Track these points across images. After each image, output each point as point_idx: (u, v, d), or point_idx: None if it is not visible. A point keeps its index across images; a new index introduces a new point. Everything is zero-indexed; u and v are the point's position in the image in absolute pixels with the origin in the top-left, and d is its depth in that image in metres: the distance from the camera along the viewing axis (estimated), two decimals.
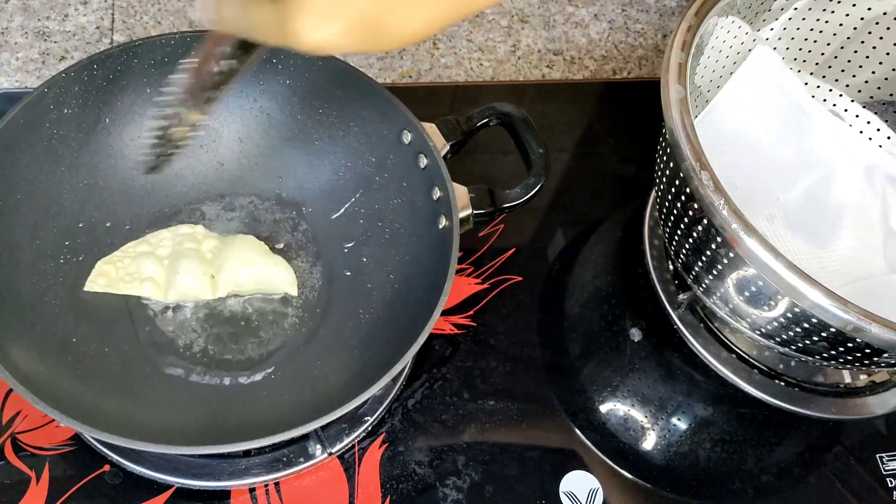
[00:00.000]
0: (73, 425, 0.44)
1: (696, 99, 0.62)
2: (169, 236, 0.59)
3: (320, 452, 0.55)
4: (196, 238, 0.59)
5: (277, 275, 0.58)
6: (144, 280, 0.57)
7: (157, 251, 0.58)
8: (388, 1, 0.32)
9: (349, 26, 0.32)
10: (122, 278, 0.57)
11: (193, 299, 0.57)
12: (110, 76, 0.57)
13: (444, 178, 0.55)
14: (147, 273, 0.57)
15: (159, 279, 0.57)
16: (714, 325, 0.64)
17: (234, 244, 0.58)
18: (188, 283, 0.57)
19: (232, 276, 0.57)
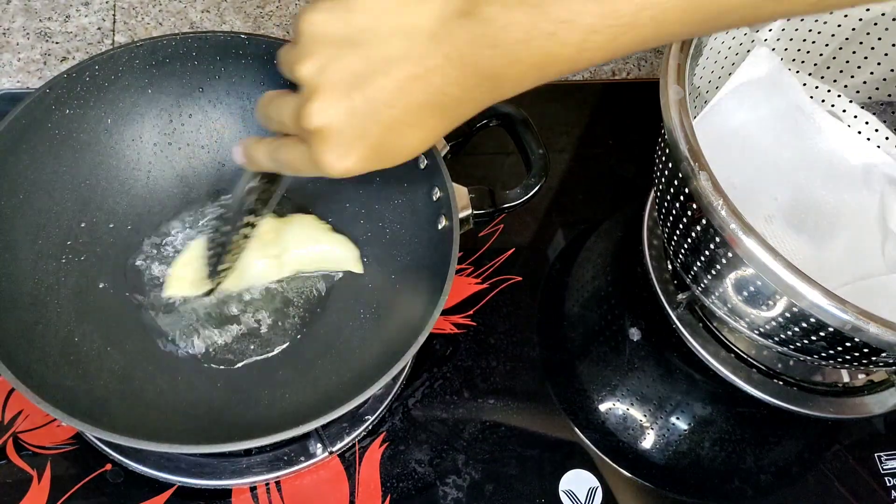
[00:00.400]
0: (75, 424, 0.44)
1: (696, 99, 0.63)
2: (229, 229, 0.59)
3: (321, 451, 0.55)
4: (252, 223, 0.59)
5: (342, 252, 0.59)
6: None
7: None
8: (390, 131, 0.38)
9: (364, 154, 0.39)
10: (197, 280, 0.57)
11: (265, 282, 0.58)
12: (112, 77, 0.57)
13: (444, 178, 0.55)
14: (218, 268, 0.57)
15: (229, 271, 0.57)
16: (713, 324, 0.64)
17: (294, 223, 0.59)
18: (257, 269, 0.57)
19: (297, 254, 0.58)
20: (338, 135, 0.38)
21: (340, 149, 0.39)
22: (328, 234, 0.59)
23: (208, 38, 0.58)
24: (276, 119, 0.42)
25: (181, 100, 0.60)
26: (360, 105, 0.37)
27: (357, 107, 0.37)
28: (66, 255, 0.56)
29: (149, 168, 0.61)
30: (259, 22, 0.75)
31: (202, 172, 0.62)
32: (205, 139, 0.62)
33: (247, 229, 0.54)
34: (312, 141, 0.39)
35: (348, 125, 0.38)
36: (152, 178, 0.61)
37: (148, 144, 0.61)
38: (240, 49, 0.59)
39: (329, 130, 0.38)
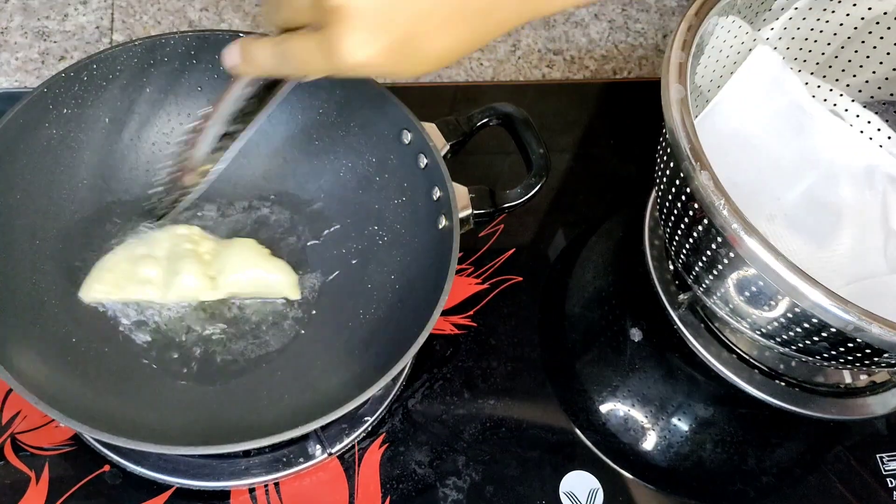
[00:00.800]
0: (73, 425, 0.44)
1: (697, 99, 0.62)
2: (165, 237, 0.58)
3: (320, 452, 0.55)
4: (193, 239, 0.59)
5: (279, 278, 0.58)
6: (143, 282, 0.56)
7: (154, 252, 0.58)
8: (425, 21, 0.35)
9: (386, 46, 0.35)
10: (118, 284, 0.56)
11: (193, 300, 0.57)
12: (110, 76, 0.57)
13: (444, 178, 0.55)
14: (145, 274, 0.56)
15: (158, 281, 0.57)
16: (714, 325, 0.64)
17: (233, 247, 0.58)
18: (188, 284, 0.56)
19: (233, 278, 0.57)
20: (362, 17, 0.35)
21: (363, 34, 0.35)
22: (266, 260, 0.58)
23: (207, 37, 0.58)
24: (288, 5, 0.38)
25: (180, 99, 0.60)
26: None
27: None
28: (64, 255, 0.56)
29: (147, 167, 0.61)
30: (258, 20, 0.74)
31: None
32: None
33: (207, 165, 0.50)
34: (332, 23, 0.35)
35: (375, 8, 0.35)
36: (151, 178, 0.61)
37: (146, 144, 0.60)
38: None
39: (353, 9, 0.34)
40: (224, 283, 0.57)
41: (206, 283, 0.57)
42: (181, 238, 0.59)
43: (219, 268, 0.57)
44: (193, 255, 0.57)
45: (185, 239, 0.59)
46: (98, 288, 0.56)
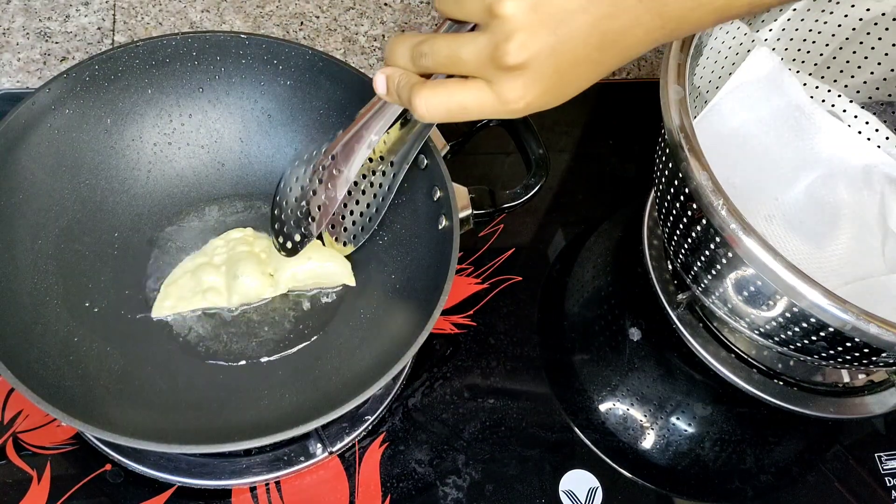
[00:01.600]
0: (75, 424, 0.44)
1: (696, 99, 0.63)
2: (222, 243, 0.59)
3: (321, 451, 0.55)
4: (247, 241, 0.59)
5: (335, 268, 0.59)
6: (206, 291, 0.57)
7: (213, 260, 0.59)
8: (575, 68, 0.39)
9: (546, 90, 0.40)
10: (184, 297, 0.57)
11: (256, 299, 0.58)
12: (112, 77, 0.57)
13: (444, 178, 0.55)
14: (208, 283, 0.57)
15: (220, 287, 0.58)
16: (713, 324, 0.64)
17: None
18: (249, 285, 0.57)
19: (292, 272, 0.58)
20: (534, 71, 0.38)
21: (530, 85, 0.39)
22: (320, 251, 0.59)
23: (208, 38, 0.58)
24: (447, 57, 0.40)
25: (181, 100, 0.60)
26: (562, 42, 0.38)
27: (559, 44, 0.38)
28: (65, 254, 0.56)
29: (148, 168, 0.61)
30: (259, 22, 0.75)
31: (202, 172, 0.62)
32: (205, 139, 0.62)
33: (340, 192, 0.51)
34: (504, 78, 0.39)
35: (546, 62, 0.38)
36: (152, 178, 0.61)
37: (148, 144, 0.61)
38: (240, 49, 0.59)
39: (527, 67, 0.38)
40: (283, 279, 0.58)
41: (266, 282, 0.58)
42: (236, 241, 0.59)
43: (276, 264, 0.58)
44: (250, 256, 0.58)
45: (240, 241, 0.59)
46: (167, 304, 0.57)
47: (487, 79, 0.39)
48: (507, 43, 0.37)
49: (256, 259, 0.58)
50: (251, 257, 0.58)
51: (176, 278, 0.58)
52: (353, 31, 0.76)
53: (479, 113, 0.41)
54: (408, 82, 0.42)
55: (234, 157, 0.63)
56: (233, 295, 0.57)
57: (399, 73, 0.43)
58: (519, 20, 0.37)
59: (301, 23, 0.75)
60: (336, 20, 0.76)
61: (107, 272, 0.58)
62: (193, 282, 0.57)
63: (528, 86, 0.39)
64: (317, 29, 0.75)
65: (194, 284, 0.57)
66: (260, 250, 0.59)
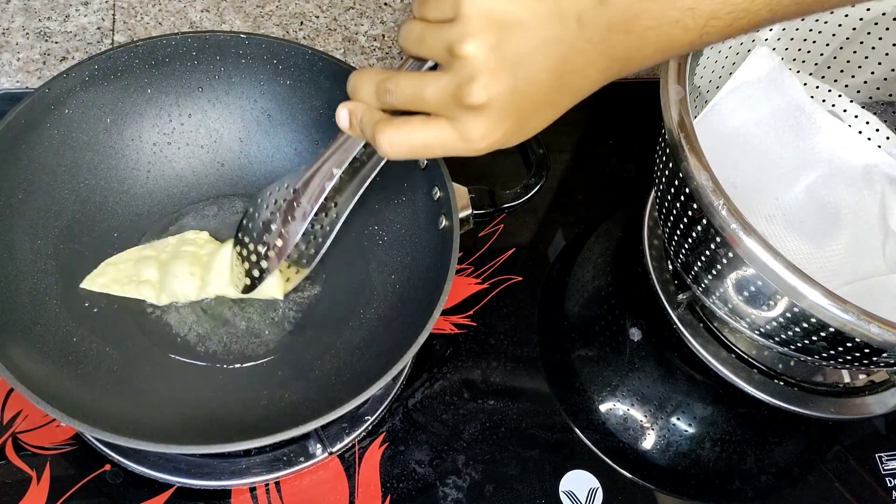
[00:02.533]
0: (74, 425, 0.44)
1: (696, 99, 0.63)
2: (174, 242, 0.59)
3: (321, 452, 0.55)
4: (197, 243, 0.59)
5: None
6: (141, 283, 0.57)
7: (160, 256, 0.58)
8: (536, 109, 0.41)
9: (509, 130, 0.41)
10: (119, 280, 0.57)
11: (182, 299, 0.57)
12: (111, 77, 0.57)
13: (444, 178, 0.55)
14: (145, 276, 0.57)
15: (156, 282, 0.57)
16: (713, 324, 0.64)
17: (226, 247, 0.58)
18: (176, 284, 0.57)
19: (220, 279, 0.57)
20: (495, 111, 0.39)
21: (492, 125, 0.40)
22: None
23: (208, 38, 0.58)
24: (411, 95, 0.41)
25: (180, 99, 0.60)
26: (522, 84, 0.39)
27: (518, 85, 0.39)
28: (65, 254, 0.56)
29: (148, 168, 0.61)
30: (259, 21, 0.75)
31: (201, 172, 0.62)
32: (204, 139, 0.62)
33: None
34: (466, 117, 0.40)
35: (507, 102, 0.39)
36: (152, 178, 0.61)
37: (147, 144, 0.60)
38: (239, 49, 0.59)
39: (489, 107, 0.39)
40: (210, 284, 0.57)
41: (193, 283, 0.57)
42: (186, 242, 0.59)
43: (209, 267, 0.58)
44: (189, 256, 0.58)
45: (189, 242, 0.59)
46: (99, 281, 0.56)
47: (450, 117, 0.40)
48: (469, 84, 0.38)
49: (197, 261, 0.58)
50: (189, 257, 0.58)
51: (119, 261, 0.58)
52: (352, 30, 0.76)
53: (441, 151, 0.41)
54: (371, 119, 0.43)
55: (233, 157, 0.63)
56: (162, 293, 0.57)
57: (362, 108, 0.44)
58: (480, 61, 0.38)
59: (301, 22, 0.75)
60: (336, 20, 0.76)
61: None
62: (133, 270, 0.57)
63: (490, 125, 0.40)
64: (317, 29, 0.75)
65: (133, 273, 0.57)
66: (204, 253, 0.58)
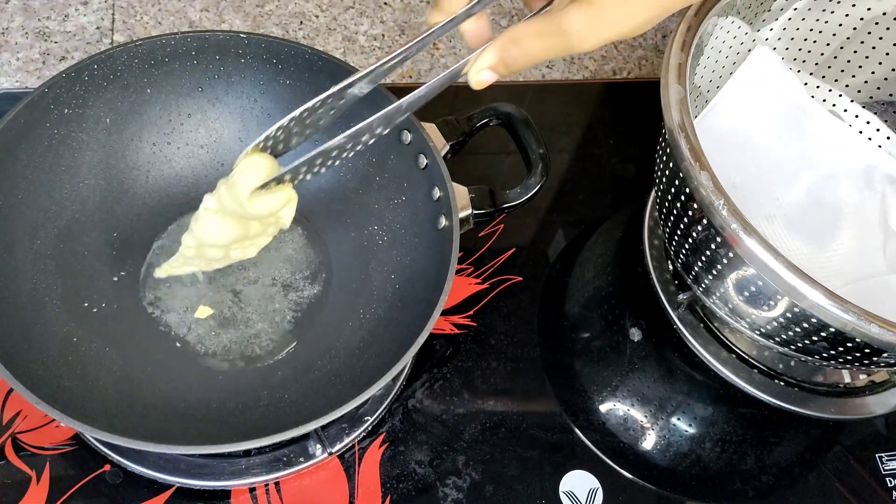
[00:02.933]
0: (74, 425, 0.44)
1: (696, 99, 0.62)
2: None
3: (320, 452, 0.55)
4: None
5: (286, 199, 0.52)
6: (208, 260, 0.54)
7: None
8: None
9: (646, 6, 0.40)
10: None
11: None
12: (111, 76, 0.57)
13: (444, 178, 0.55)
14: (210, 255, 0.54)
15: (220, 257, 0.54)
16: (714, 324, 0.64)
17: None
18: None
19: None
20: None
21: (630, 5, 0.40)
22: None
23: (207, 38, 0.58)
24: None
25: (180, 99, 0.60)
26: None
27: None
28: (64, 254, 0.56)
29: (148, 168, 0.61)
30: (258, 21, 0.74)
31: (201, 172, 0.62)
32: (204, 139, 0.62)
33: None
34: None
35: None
36: (151, 178, 0.61)
37: (147, 144, 0.60)
38: (239, 48, 0.59)
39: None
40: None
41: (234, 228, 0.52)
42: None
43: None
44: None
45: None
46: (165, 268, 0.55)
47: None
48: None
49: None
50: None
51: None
52: (352, 30, 0.76)
53: (577, 34, 0.40)
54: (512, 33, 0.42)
55: (233, 157, 0.62)
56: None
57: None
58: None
59: (300, 22, 0.75)
60: (335, 19, 0.76)
61: (106, 272, 0.58)
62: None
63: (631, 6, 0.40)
64: (316, 28, 0.75)
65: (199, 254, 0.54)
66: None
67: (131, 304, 0.57)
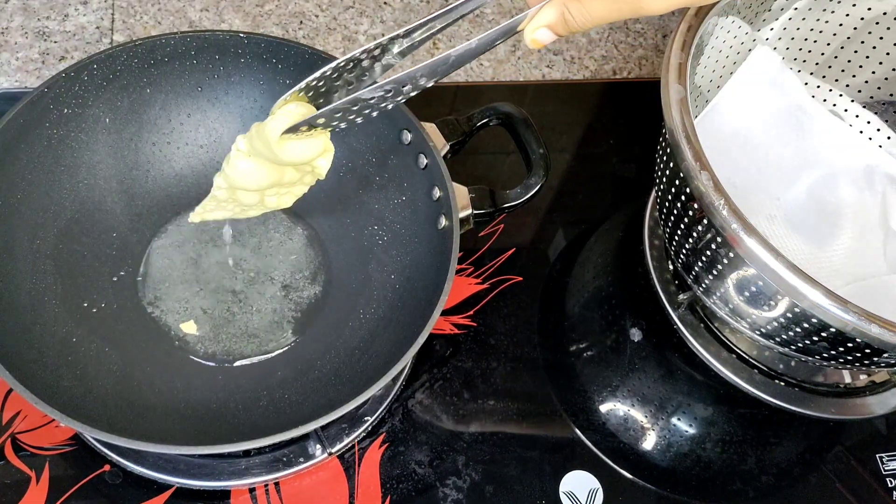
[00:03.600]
0: (73, 425, 0.44)
1: (696, 99, 0.62)
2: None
3: (320, 452, 0.55)
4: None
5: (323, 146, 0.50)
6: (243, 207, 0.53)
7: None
8: None
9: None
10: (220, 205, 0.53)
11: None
12: (110, 76, 0.57)
13: (444, 178, 0.55)
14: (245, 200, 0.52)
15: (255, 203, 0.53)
16: (714, 325, 0.64)
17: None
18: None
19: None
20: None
21: None
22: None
23: (207, 38, 0.58)
24: None
25: (180, 99, 0.60)
26: None
27: None
28: (64, 255, 0.56)
29: (147, 167, 0.61)
30: (258, 21, 0.74)
31: (201, 172, 0.62)
32: (203, 138, 0.62)
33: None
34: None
35: None
36: (151, 178, 0.61)
37: (146, 144, 0.60)
38: (239, 48, 0.59)
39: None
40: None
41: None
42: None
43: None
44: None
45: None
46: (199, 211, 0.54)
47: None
48: None
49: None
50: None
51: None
52: (352, 29, 0.76)
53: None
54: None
55: None
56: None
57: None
58: None
59: (300, 22, 0.75)
60: (335, 19, 0.76)
61: (105, 272, 0.58)
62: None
63: None
64: (316, 28, 0.75)
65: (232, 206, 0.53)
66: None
67: (131, 304, 0.57)
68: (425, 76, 0.42)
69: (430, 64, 0.42)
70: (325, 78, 0.45)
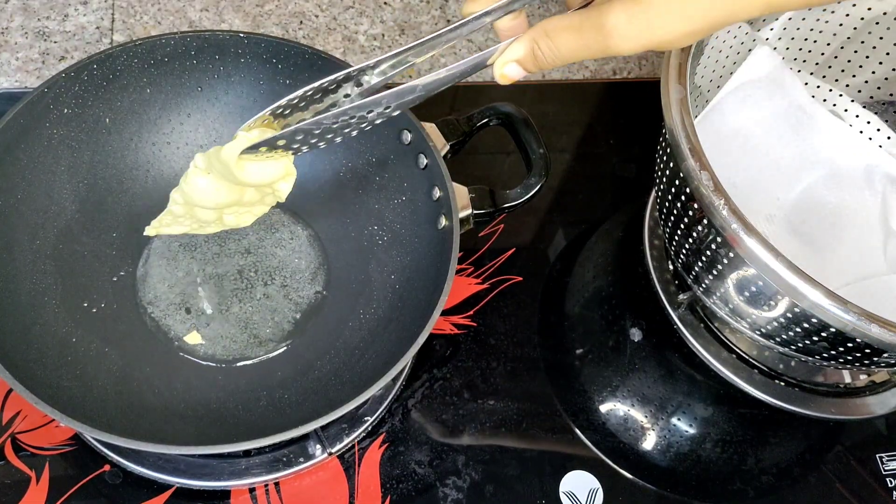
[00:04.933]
0: (73, 425, 0.44)
1: (696, 99, 0.62)
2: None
3: (320, 452, 0.55)
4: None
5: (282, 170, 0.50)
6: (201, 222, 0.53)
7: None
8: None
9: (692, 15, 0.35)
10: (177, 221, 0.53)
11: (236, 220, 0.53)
12: (110, 76, 0.57)
13: (444, 178, 0.55)
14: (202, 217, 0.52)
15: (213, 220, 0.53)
16: (714, 325, 0.64)
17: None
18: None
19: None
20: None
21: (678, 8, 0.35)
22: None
23: (207, 38, 0.58)
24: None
25: (180, 99, 0.60)
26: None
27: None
28: (63, 255, 0.56)
29: (147, 168, 0.61)
30: (258, 21, 0.74)
31: None
32: (203, 138, 0.62)
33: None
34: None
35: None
36: (151, 178, 0.61)
37: (146, 144, 0.60)
38: (239, 48, 0.59)
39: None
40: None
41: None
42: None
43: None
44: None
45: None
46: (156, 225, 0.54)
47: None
48: None
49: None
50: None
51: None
52: (352, 29, 0.76)
53: (616, 35, 0.37)
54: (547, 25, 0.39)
55: None
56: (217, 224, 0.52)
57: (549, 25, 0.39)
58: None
59: (300, 22, 0.75)
60: (335, 19, 0.76)
61: (105, 272, 0.58)
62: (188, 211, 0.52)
63: (679, 10, 0.36)
64: (316, 28, 0.75)
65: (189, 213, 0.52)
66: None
67: (131, 304, 0.57)
68: (393, 102, 0.42)
69: (395, 91, 0.41)
70: (292, 106, 0.45)
